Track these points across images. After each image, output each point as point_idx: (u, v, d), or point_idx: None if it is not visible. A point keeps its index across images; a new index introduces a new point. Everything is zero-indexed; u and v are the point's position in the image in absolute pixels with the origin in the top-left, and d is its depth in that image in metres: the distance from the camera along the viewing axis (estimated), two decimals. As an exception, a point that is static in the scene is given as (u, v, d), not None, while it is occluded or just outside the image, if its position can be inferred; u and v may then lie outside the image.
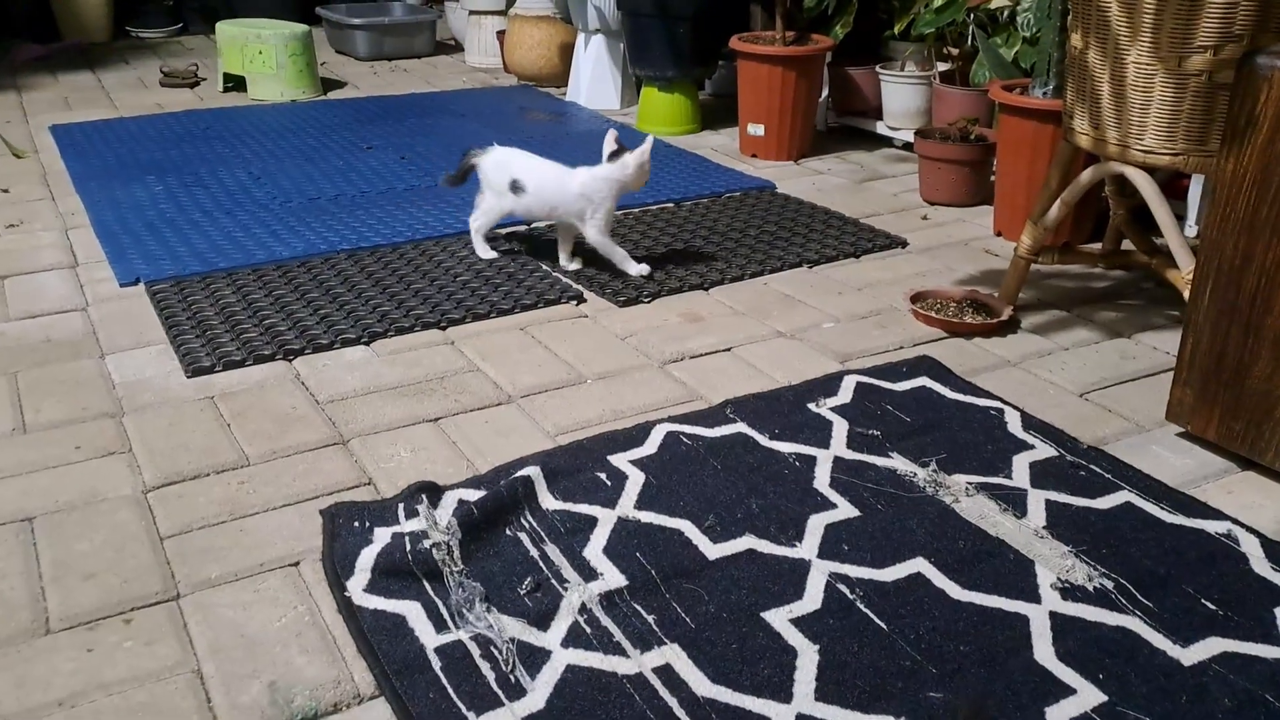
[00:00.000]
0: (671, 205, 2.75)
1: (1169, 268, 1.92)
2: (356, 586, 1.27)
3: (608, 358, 1.91)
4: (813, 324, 2.06)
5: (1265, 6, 1.62)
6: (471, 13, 4.60)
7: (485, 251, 2.35)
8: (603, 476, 1.51)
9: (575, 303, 2.15)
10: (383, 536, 1.36)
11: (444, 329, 2.02)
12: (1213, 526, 1.41)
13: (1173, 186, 2.38)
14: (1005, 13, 2.75)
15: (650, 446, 1.59)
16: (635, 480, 1.50)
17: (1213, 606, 1.26)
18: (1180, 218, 2.37)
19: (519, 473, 1.48)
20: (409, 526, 1.38)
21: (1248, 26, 1.63)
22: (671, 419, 1.67)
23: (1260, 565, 1.33)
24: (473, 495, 1.45)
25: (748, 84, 3.17)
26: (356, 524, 1.39)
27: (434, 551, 1.32)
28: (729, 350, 1.95)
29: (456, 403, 1.74)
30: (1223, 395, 1.56)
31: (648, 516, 1.42)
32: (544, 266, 2.30)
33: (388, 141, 3.32)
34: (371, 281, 2.21)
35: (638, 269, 2.26)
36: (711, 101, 3.85)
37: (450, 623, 1.22)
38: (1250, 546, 1.37)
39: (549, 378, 1.83)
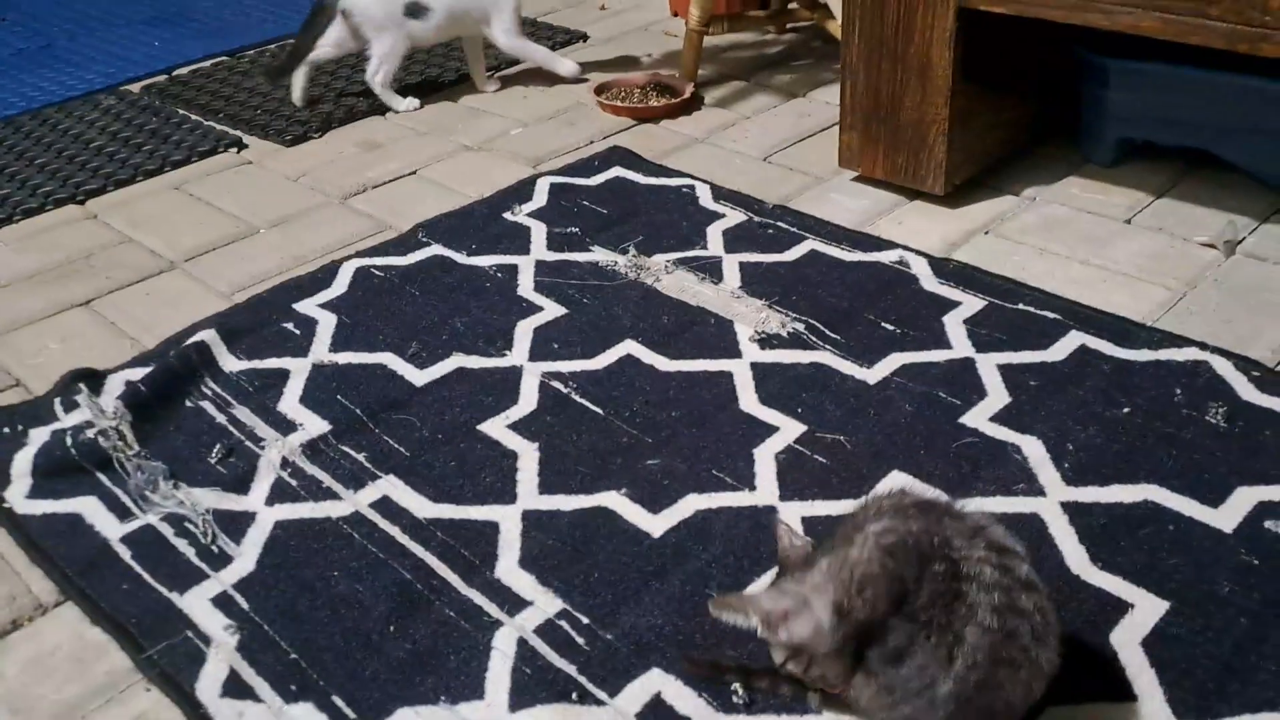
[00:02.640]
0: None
1: (829, 19, 1.97)
2: (17, 494, 1.13)
3: (281, 203, 1.75)
4: (500, 132, 1.98)
5: None
6: None
7: (405, 103, 2.04)
8: (290, 326, 1.40)
9: (235, 150, 1.94)
10: (40, 436, 1.20)
11: (82, 203, 1.77)
12: (887, 256, 1.50)
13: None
14: None
15: (339, 286, 1.49)
16: (327, 324, 1.40)
17: (891, 327, 1.35)
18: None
19: (191, 340, 1.34)
20: (70, 420, 1.23)
21: None
22: (359, 254, 1.57)
23: (929, 283, 1.44)
24: (140, 374, 1.30)
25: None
26: (6, 430, 1.22)
27: (101, 440, 1.18)
28: (414, 173, 1.84)
29: (109, 280, 1.54)
30: (883, 133, 1.63)
31: (345, 357, 1.34)
32: (193, 116, 2.04)
33: (-19, 2, 2.80)
34: (-16, 164, 1.89)
35: (569, 68, 2.09)
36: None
37: (134, 509, 1.10)
38: (920, 268, 1.48)
39: (215, 235, 1.65)
